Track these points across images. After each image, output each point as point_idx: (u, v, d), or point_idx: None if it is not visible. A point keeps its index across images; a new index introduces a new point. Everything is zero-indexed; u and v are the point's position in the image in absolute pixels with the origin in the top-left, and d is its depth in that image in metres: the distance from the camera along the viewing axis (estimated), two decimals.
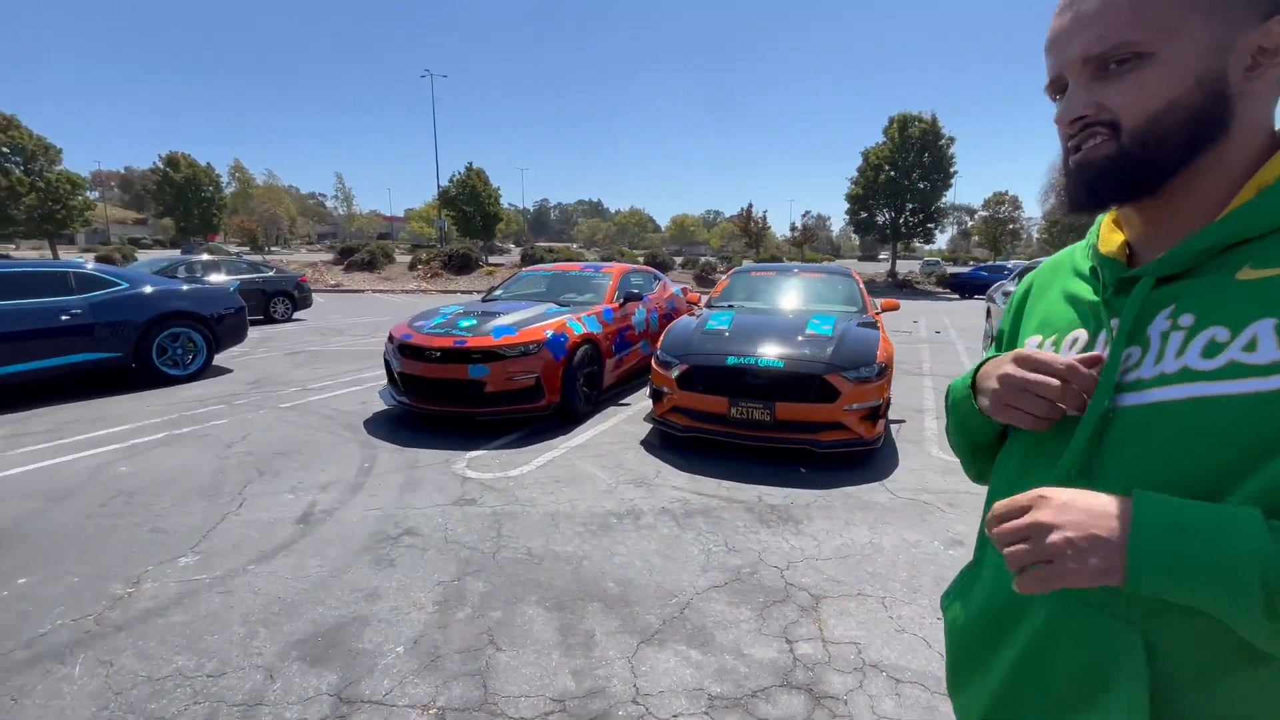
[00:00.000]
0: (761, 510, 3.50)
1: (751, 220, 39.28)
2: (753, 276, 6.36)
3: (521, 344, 4.85)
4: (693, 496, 3.69)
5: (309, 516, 3.37)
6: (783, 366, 4.18)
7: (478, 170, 37.18)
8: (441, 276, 27.07)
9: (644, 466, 4.21)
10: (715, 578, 2.77)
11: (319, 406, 5.75)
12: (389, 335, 5.45)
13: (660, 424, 4.64)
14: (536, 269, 7.20)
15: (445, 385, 4.91)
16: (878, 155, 27.34)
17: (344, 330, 11.64)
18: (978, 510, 2.92)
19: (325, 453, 4.43)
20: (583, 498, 3.66)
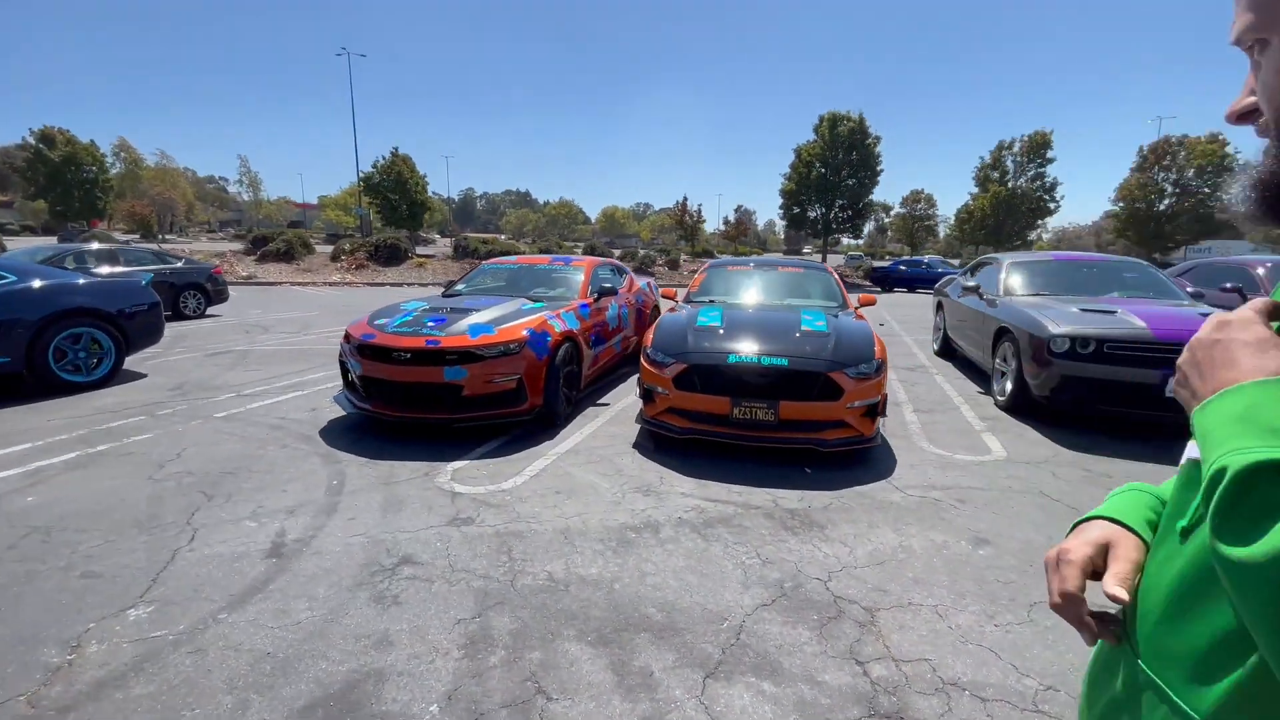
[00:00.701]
0: (781, 516, 3.36)
1: (686, 213, 39.57)
2: (730, 271, 6.23)
3: (501, 343, 4.48)
4: (706, 504, 3.50)
5: (280, 548, 2.92)
6: (786, 364, 4.05)
7: (404, 156, 35.31)
8: (368, 268, 25.50)
9: (645, 473, 3.97)
10: (760, 595, 2.59)
11: (262, 415, 5.11)
12: (345, 335, 4.92)
13: (654, 426, 4.42)
14: (500, 262, 6.76)
15: (417, 390, 4.47)
16: (809, 152, 28.15)
17: (270, 328, 10.62)
18: (989, 506, 2.93)
19: (282, 469, 3.90)
20: (591, 511, 3.39)
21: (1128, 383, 4.62)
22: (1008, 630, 2.38)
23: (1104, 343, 4.70)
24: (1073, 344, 4.79)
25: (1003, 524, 3.29)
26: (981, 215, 30.93)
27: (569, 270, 6.32)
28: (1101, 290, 6.11)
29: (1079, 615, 0.68)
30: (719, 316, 4.80)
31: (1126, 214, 33.32)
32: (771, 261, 6.50)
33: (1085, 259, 6.82)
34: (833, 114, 26.97)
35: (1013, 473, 4.05)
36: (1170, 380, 4.43)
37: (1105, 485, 3.86)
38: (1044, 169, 30.27)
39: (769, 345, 4.21)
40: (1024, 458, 4.35)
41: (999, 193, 30.52)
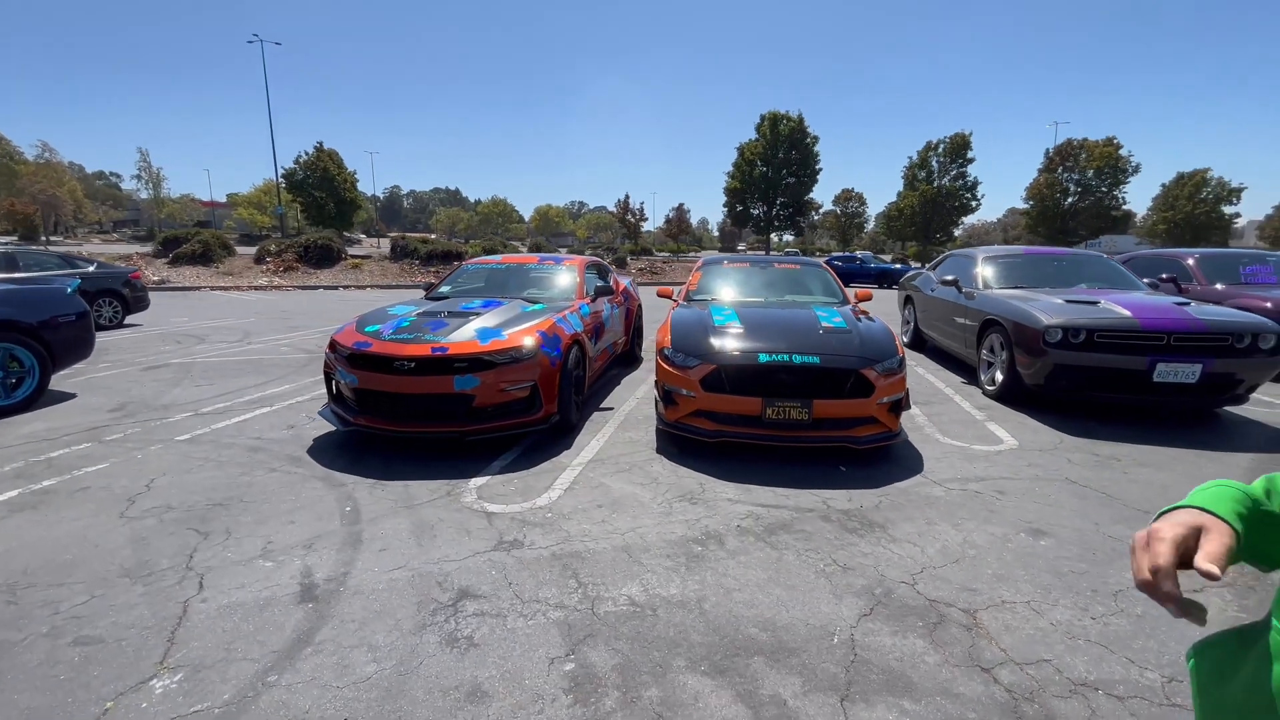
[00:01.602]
0: (838, 518, 3.28)
1: (629, 211, 39.50)
2: (727, 268, 6.15)
3: (513, 348, 4.18)
4: (759, 509, 3.37)
5: (312, 590, 2.56)
6: (819, 362, 3.99)
7: (330, 151, 33.33)
8: (298, 270, 23.89)
9: (682, 480, 3.81)
10: (856, 605, 2.49)
11: (233, 436, 4.58)
12: (332, 344, 4.47)
13: (678, 429, 4.25)
14: (483, 262, 6.37)
15: (423, 402, 4.11)
16: (752, 151, 28.69)
17: (204, 337, 9.67)
18: (1027, 496, 2.95)
19: (281, 497, 3.47)
20: (643, 524, 3.19)
21: (1118, 369, 4.86)
22: (1105, 623, 2.39)
23: (1094, 332, 4.93)
24: (1065, 334, 4.99)
25: (1048, 514, 3.34)
26: (911, 212, 32.57)
27: (561, 270, 6.04)
28: (1070, 282, 6.45)
29: (1168, 591, 0.68)
30: (734, 315, 4.70)
31: (1037, 211, 36.00)
32: (767, 259, 6.45)
33: (1053, 253, 7.19)
34: (774, 113, 27.63)
35: (1033, 461, 4.16)
36: (1158, 365, 4.73)
37: (1118, 469, 4.03)
38: (965, 169, 32.26)
39: (796, 343, 4.14)
40: (1034, 445, 4.48)
41: (927, 191, 32.24)
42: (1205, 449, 4.44)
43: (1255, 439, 4.72)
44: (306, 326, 11.11)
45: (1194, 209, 38.20)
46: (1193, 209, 38.18)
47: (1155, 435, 4.70)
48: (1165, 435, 4.71)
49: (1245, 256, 8.14)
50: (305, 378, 6.63)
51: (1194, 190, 38.21)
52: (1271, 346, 4.76)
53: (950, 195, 32.24)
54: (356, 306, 15.26)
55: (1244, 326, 4.79)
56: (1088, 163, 33.64)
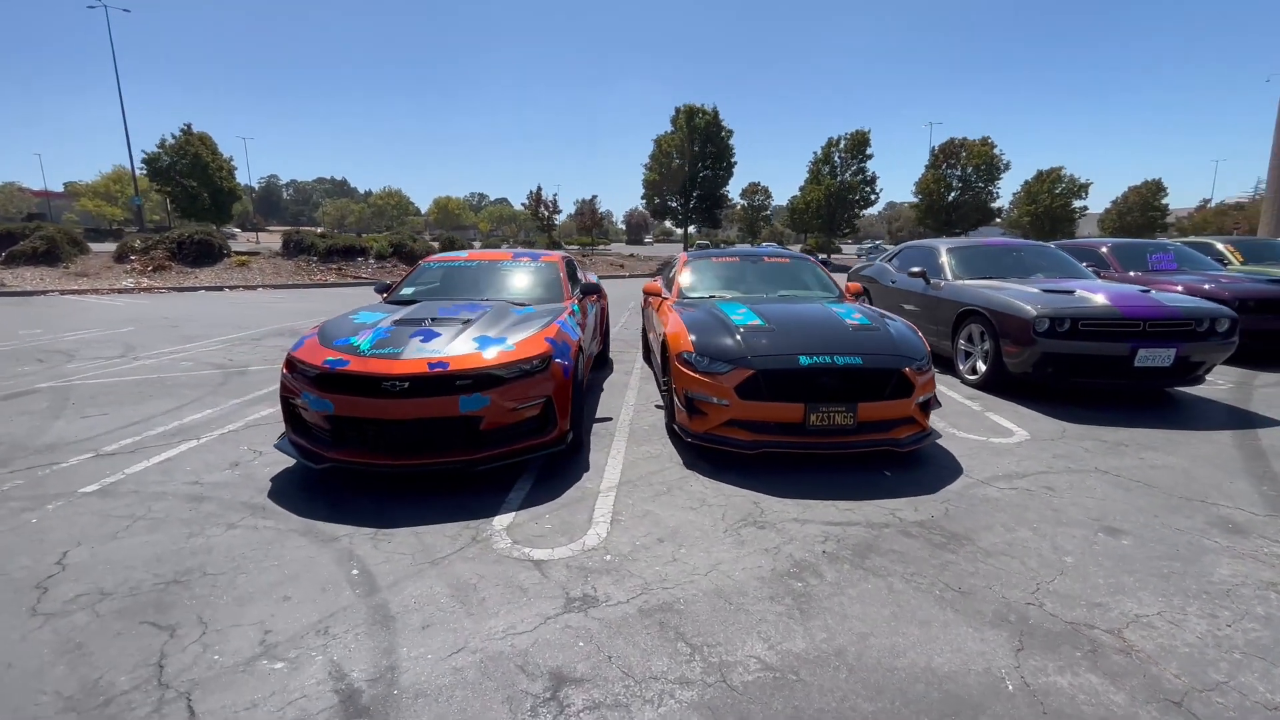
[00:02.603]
0: (918, 531, 3.06)
1: (542, 203, 38.37)
2: (716, 263, 5.83)
3: (523, 360, 3.62)
4: (830, 529, 3.08)
5: (355, 699, 1.95)
6: (861, 363, 3.76)
7: (201, 135, 29.57)
8: (171, 269, 20.97)
9: (730, 499, 3.45)
10: (1001, 639, 2.25)
11: (160, 482, 3.66)
12: (289, 362, 3.69)
13: (709, 442, 3.89)
14: (447, 259, 5.61)
15: (422, 429, 3.44)
16: (669, 143, 28.66)
17: (73, 353, 8.04)
18: (1074, 490, 2.90)
19: (258, 563, 2.74)
20: (721, 559, 2.80)
21: (1102, 355, 5.06)
22: (1243, 631, 2.31)
23: (1079, 321, 5.11)
24: (1052, 323, 5.14)
25: (1108, 509, 3.32)
26: (818, 205, 34.07)
27: (542, 267, 5.44)
28: (1029, 271, 6.74)
29: None
30: (752, 313, 4.38)
31: (925, 205, 38.94)
32: (755, 252, 6.21)
33: (1010, 244, 7.51)
34: (689, 106, 27.75)
35: (1055, 452, 4.19)
36: (1139, 351, 4.95)
37: (1131, 454, 4.13)
38: (864, 164, 34.22)
39: (832, 343, 3.90)
40: (1043, 435, 4.55)
41: (831, 185, 33.86)
42: (1188, 429, 4.70)
43: (1219, 416, 5.07)
44: (204, 335, 9.59)
45: (1051, 202, 43.02)
46: (1051, 202, 42.99)
47: (1138, 418, 4.94)
48: (1146, 418, 4.96)
49: (1151, 245, 8.97)
50: (228, 399, 5.58)
51: (1051, 185, 43.03)
52: (1226, 329, 5.15)
53: (851, 189, 34.06)
54: (255, 311, 13.56)
55: (1206, 312, 5.14)
56: (968, 160, 36.83)
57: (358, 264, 24.04)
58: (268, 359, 7.57)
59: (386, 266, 24.26)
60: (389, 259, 24.86)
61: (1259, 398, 5.62)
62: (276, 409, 5.23)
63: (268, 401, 5.50)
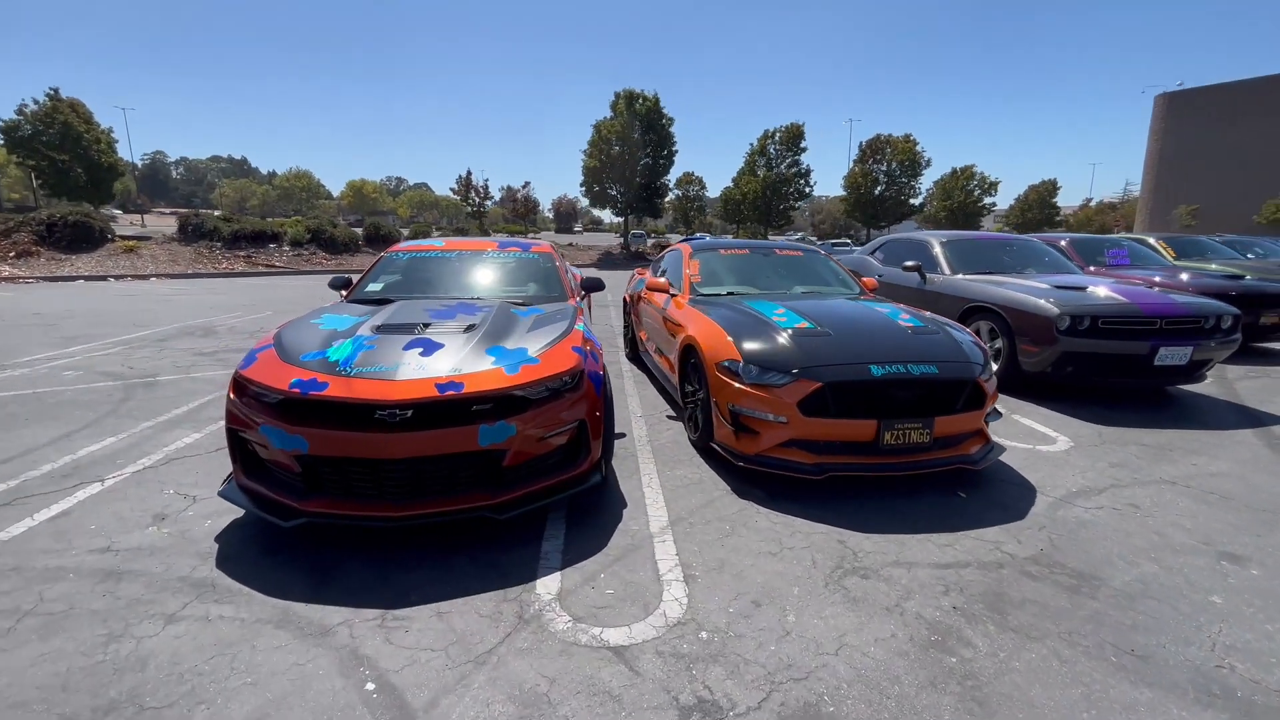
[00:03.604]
0: (1038, 571, 2.64)
1: (473, 189, 36.52)
2: (725, 255, 5.26)
3: (552, 377, 2.91)
4: (943, 573, 2.62)
5: None
6: (937, 373, 3.33)
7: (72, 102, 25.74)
8: (40, 256, 18.10)
9: (810, 538, 2.91)
10: (1193, 703, 1.84)
11: (55, 550, 2.69)
12: (238, 383, 2.82)
13: (765, 466, 3.34)
14: (418, 249, 4.71)
15: (431, 469, 2.68)
16: (609, 129, 27.82)
17: None
18: (1161, 510, 2.58)
19: (222, 681, 1.93)
20: (844, 629, 2.25)
21: (1123, 354, 4.94)
22: None
23: (1099, 319, 4.96)
24: (1073, 321, 4.96)
25: (1205, 528, 3.05)
26: (754, 197, 34.33)
27: (534, 259, 4.67)
28: (1020, 267, 6.65)
29: None
30: (794, 314, 3.87)
31: (853, 198, 40.23)
32: (766, 245, 5.69)
33: (1001, 239, 7.42)
34: (629, 91, 26.94)
35: (1109, 460, 3.95)
36: (1160, 349, 4.85)
37: (1179, 461, 3.95)
38: (799, 157, 34.79)
39: (897, 350, 3.44)
40: (1085, 441, 4.33)
41: (768, 178, 34.19)
42: (1208, 428, 4.63)
43: (1224, 413, 5.07)
44: (90, 336, 8.04)
45: (965, 199, 45.66)
46: (964, 199, 45.62)
47: (1156, 419, 4.84)
48: (1162, 418, 4.87)
49: (1107, 241, 9.26)
50: (135, 421, 4.47)
51: (964, 183, 45.63)
52: (1229, 327, 5.16)
53: (786, 181, 34.56)
54: (152, 305, 11.78)
55: (1214, 309, 5.12)
56: (893, 156, 38.30)
57: (270, 251, 21.79)
58: (181, 366, 6.32)
59: (304, 254, 22.14)
60: (306, 245, 22.72)
61: (1244, 391, 5.73)
62: (203, 433, 4.22)
63: (190, 424, 4.45)
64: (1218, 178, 45.79)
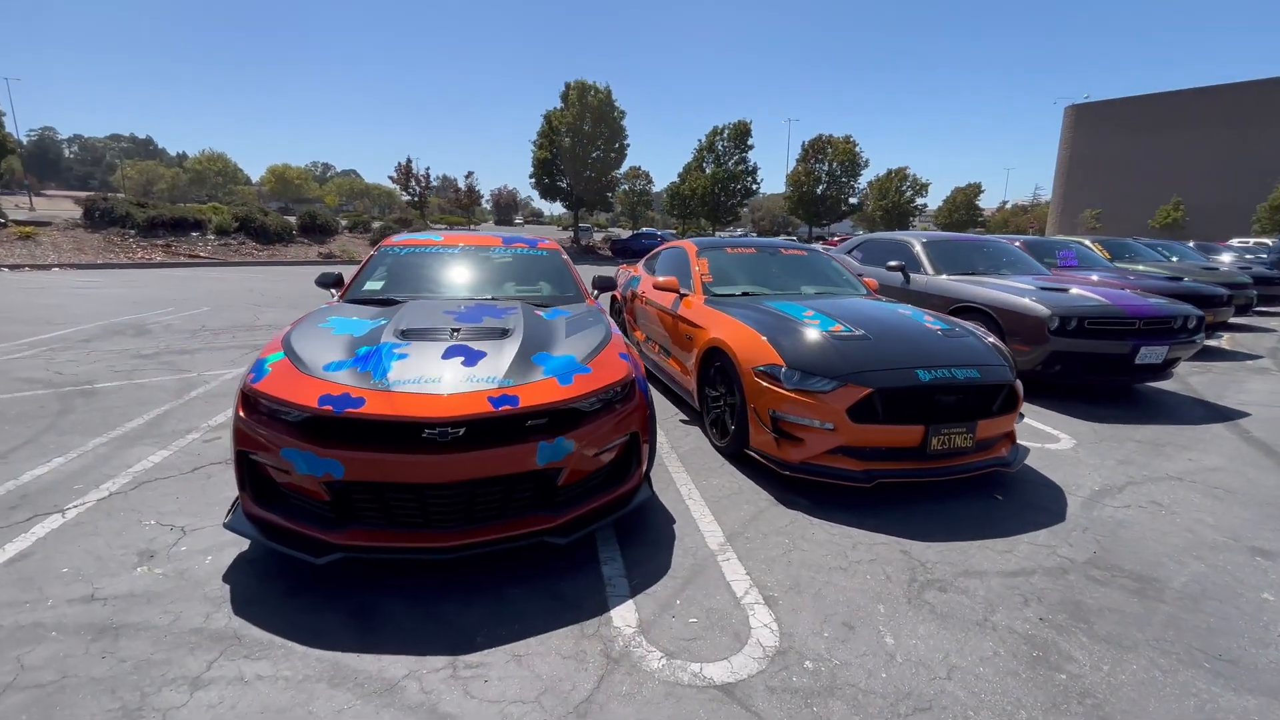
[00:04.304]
0: (1102, 576, 2.66)
1: (413, 177, 34.96)
2: (733, 254, 5.13)
3: (607, 387, 2.69)
4: (1016, 582, 2.59)
5: None
6: (979, 377, 3.33)
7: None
8: None
9: (871, 549, 2.84)
10: None
11: (27, 602, 2.25)
12: (249, 400, 2.45)
13: (811, 474, 3.25)
14: (416, 243, 4.29)
15: (482, 493, 2.41)
16: (560, 120, 27.21)
17: None
18: (1185, 506, 2.76)
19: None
20: (945, 650, 2.17)
21: (1106, 354, 5.17)
22: None
23: (1085, 319, 5.17)
24: (1062, 322, 5.16)
25: (1228, 524, 3.19)
26: (703, 193, 34.55)
27: (544, 256, 4.39)
28: (997, 268, 6.89)
29: None
30: (826, 317, 3.79)
31: (796, 196, 41.24)
32: (771, 244, 5.59)
33: (977, 240, 7.65)
34: (580, 82, 26.41)
35: (1115, 457, 4.10)
36: (1141, 349, 5.11)
37: (1176, 457, 4.14)
38: (746, 154, 35.26)
39: (938, 354, 3.43)
40: (1085, 438, 4.48)
41: (717, 174, 34.48)
42: (1183, 423, 4.90)
43: (1191, 408, 5.40)
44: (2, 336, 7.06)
45: (899, 199, 47.73)
46: (898, 199, 47.68)
47: (1139, 415, 5.10)
48: (1140, 414, 5.13)
49: (1057, 244, 9.78)
50: (83, 436, 3.90)
51: (898, 184, 47.67)
52: (1194, 327, 5.51)
53: (735, 178, 34.99)
54: (64, 300, 10.58)
55: (1183, 311, 5.45)
56: (834, 156, 39.48)
57: (193, 240, 20.05)
58: (120, 370, 5.62)
59: (231, 244, 20.51)
60: (233, 235, 21.06)
61: (1198, 386, 6.14)
62: (171, 450, 3.73)
63: (153, 439, 3.92)
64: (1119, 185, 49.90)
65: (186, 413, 4.46)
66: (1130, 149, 49.65)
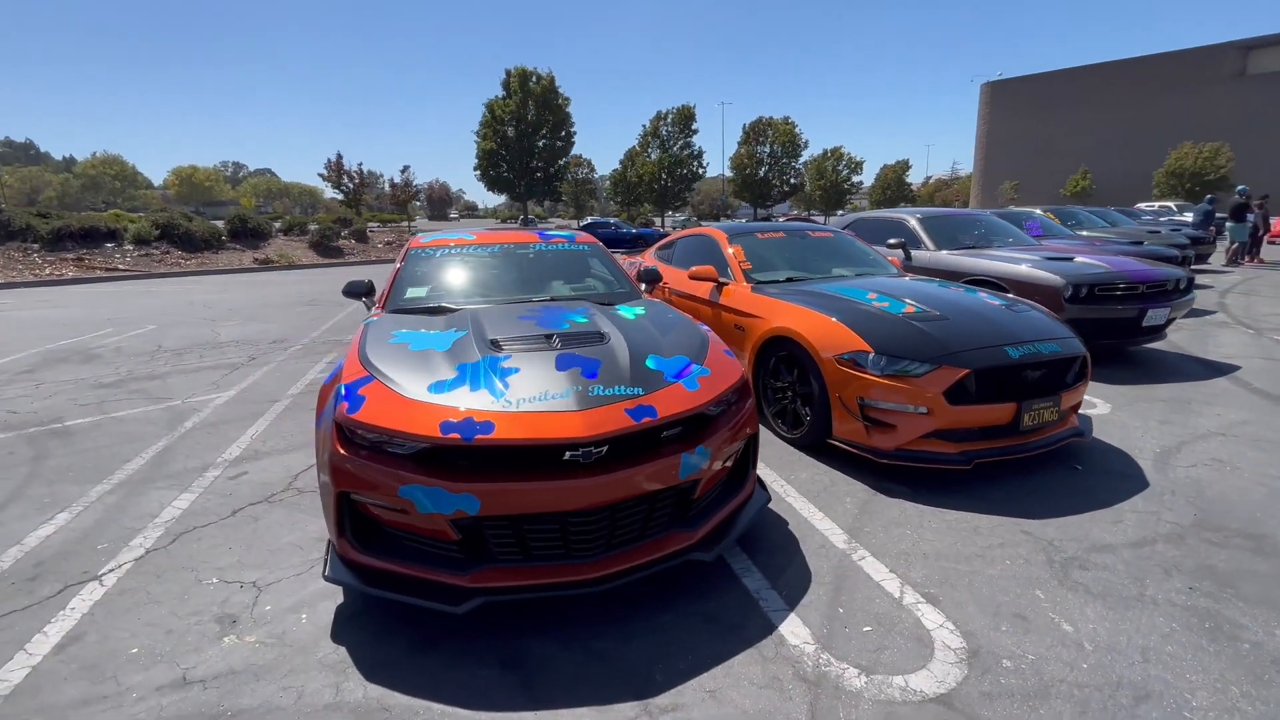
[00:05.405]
0: (1212, 537, 2.72)
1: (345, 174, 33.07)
2: (764, 239, 5.00)
3: (730, 389, 2.52)
4: (1148, 553, 2.61)
5: None
6: (1060, 351, 3.36)
7: None
8: None
9: (992, 531, 2.79)
10: None
11: (89, 689, 1.89)
12: (345, 433, 2.14)
13: (907, 460, 3.19)
14: (447, 242, 3.89)
15: (625, 514, 2.20)
16: (503, 109, 26.30)
17: None
18: (1245, 460, 2.97)
19: None
20: (1125, 631, 2.14)
21: (1118, 318, 5.39)
22: None
23: (1096, 286, 5.37)
24: (1075, 290, 5.33)
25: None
26: (650, 178, 34.38)
27: (589, 250, 4.12)
28: (989, 241, 7.07)
29: None
30: (893, 299, 3.73)
31: (739, 179, 41.71)
32: (798, 228, 5.48)
33: (967, 215, 7.82)
34: (522, 69, 25.53)
35: (1155, 418, 4.25)
36: (1148, 311, 5.34)
37: (1206, 413, 4.34)
38: (691, 138, 35.29)
39: (1015, 330, 3.43)
40: (1119, 402, 4.63)
41: (664, 159, 34.35)
42: (1191, 380, 5.17)
43: (1186, 363, 5.72)
44: None
45: (836, 178, 49.12)
46: (835, 178, 49.06)
47: (1148, 375, 5.35)
48: (1151, 374, 5.38)
49: (1023, 214, 10.19)
50: (77, 485, 3.39)
51: (835, 163, 49.02)
52: (1185, 288, 5.82)
53: (681, 163, 34.97)
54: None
55: (1174, 274, 5.74)
56: (774, 138, 40.11)
57: (108, 251, 18.25)
58: (86, 404, 4.96)
59: (154, 254, 18.79)
60: (155, 244, 19.30)
61: (1181, 342, 6.49)
62: (196, 494, 3.30)
63: (166, 481, 3.45)
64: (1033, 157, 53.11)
65: (190, 447, 3.97)
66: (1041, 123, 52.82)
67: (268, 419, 4.52)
